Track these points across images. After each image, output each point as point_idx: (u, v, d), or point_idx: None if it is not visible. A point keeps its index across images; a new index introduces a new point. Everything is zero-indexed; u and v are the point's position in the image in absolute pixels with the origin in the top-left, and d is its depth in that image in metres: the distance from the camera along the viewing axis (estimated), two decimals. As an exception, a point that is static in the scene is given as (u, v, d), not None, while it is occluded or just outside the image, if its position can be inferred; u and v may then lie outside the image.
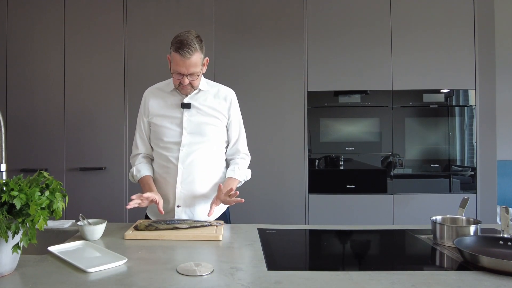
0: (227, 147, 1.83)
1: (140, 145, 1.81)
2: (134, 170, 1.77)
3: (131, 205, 1.54)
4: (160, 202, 1.61)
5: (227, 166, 1.84)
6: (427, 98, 2.83)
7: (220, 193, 1.60)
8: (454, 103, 2.84)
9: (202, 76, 1.74)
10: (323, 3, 2.85)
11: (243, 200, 1.57)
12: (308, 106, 2.85)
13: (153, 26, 2.87)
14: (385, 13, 2.83)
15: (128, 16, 2.87)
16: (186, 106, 1.70)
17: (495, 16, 2.82)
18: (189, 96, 1.71)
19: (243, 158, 1.82)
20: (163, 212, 1.61)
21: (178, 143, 1.69)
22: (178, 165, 1.68)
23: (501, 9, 3.24)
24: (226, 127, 1.79)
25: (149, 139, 1.80)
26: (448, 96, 2.83)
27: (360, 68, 2.83)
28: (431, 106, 2.84)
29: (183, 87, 1.66)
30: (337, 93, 2.85)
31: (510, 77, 3.48)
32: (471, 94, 2.82)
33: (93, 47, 2.87)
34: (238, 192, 1.57)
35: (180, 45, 1.55)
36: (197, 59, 1.59)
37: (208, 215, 1.60)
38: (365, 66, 2.83)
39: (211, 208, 1.61)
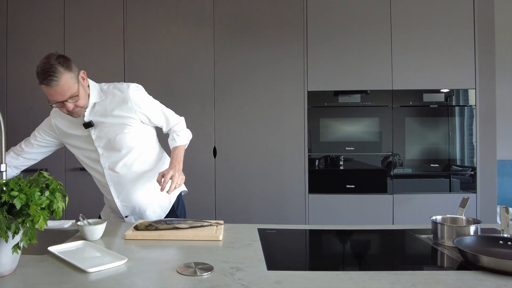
0: (151, 132, 1.73)
1: (29, 140, 1.76)
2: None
3: None
4: None
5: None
6: (427, 98, 2.83)
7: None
8: (454, 103, 2.84)
9: (95, 84, 1.62)
10: (323, 4, 2.85)
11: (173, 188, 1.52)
12: (308, 106, 2.84)
13: (153, 26, 2.87)
14: (385, 13, 2.83)
15: (128, 16, 2.87)
16: (89, 125, 1.59)
17: (495, 16, 2.82)
18: (86, 113, 1.58)
19: (177, 123, 1.74)
20: None
21: (98, 161, 1.64)
22: (108, 183, 1.66)
23: (501, 9, 3.24)
24: (144, 122, 1.67)
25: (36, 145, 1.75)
26: (448, 96, 2.83)
27: (360, 68, 2.83)
28: (431, 106, 2.84)
29: (72, 112, 1.53)
30: (337, 93, 2.85)
31: (510, 77, 3.48)
32: (471, 94, 2.82)
33: (93, 47, 2.87)
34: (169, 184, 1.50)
35: (42, 76, 1.44)
36: (67, 81, 1.46)
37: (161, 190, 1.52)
38: (365, 66, 2.83)
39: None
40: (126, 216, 1.72)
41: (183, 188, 1.84)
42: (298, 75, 2.85)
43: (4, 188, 1.01)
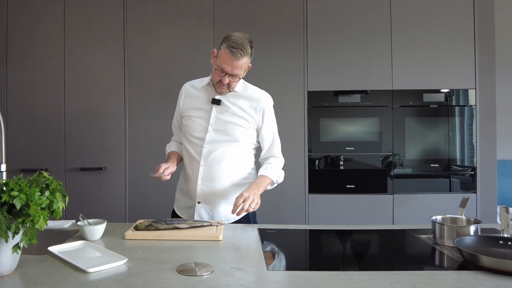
0: (255, 149, 1.81)
1: (175, 134, 1.92)
2: (167, 146, 1.92)
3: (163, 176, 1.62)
4: (165, 167, 1.62)
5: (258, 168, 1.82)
6: (427, 98, 2.83)
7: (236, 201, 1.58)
8: (454, 103, 2.84)
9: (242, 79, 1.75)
10: (323, 3, 2.85)
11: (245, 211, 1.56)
12: (308, 106, 2.84)
13: (153, 26, 2.87)
14: (385, 13, 2.83)
15: (128, 16, 2.87)
16: (217, 102, 1.70)
17: (495, 16, 2.82)
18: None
19: (277, 157, 1.80)
20: (162, 173, 1.61)
21: (203, 139, 1.71)
22: (200, 161, 1.71)
23: (501, 9, 3.24)
24: (257, 131, 1.76)
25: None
26: (448, 96, 2.83)
27: (360, 68, 2.83)
28: (431, 106, 2.84)
29: (220, 85, 1.65)
30: (337, 93, 2.85)
31: (510, 77, 3.48)
32: (471, 94, 2.82)
33: (93, 47, 2.87)
34: (243, 208, 1.55)
35: (234, 44, 1.56)
36: (244, 63, 1.61)
37: (232, 213, 1.57)
38: (365, 66, 2.83)
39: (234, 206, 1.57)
40: (199, 202, 1.72)
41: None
42: (298, 75, 2.85)
43: (4, 188, 1.01)
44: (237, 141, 1.71)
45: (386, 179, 2.84)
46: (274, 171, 1.74)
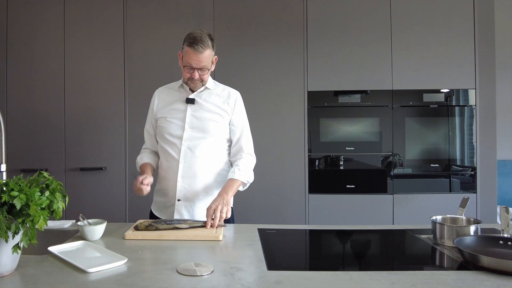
0: (230, 146, 1.84)
1: (147, 141, 1.91)
2: (138, 158, 1.90)
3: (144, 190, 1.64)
4: (141, 178, 1.63)
5: (231, 166, 1.84)
6: (427, 98, 2.83)
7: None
8: (454, 103, 2.84)
9: (210, 77, 1.82)
10: (323, 3, 2.85)
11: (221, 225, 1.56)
12: (308, 106, 2.85)
13: (153, 26, 2.87)
14: (385, 13, 2.83)
15: (128, 16, 2.87)
16: (191, 101, 1.76)
17: (495, 15, 2.82)
18: (194, 93, 1.78)
19: (245, 157, 1.80)
20: (141, 183, 1.61)
21: (180, 138, 1.74)
22: (179, 159, 1.73)
23: (501, 9, 3.24)
24: (229, 124, 1.80)
25: (155, 135, 1.87)
26: (448, 96, 2.83)
27: (360, 68, 2.83)
28: (431, 106, 2.84)
29: (192, 81, 1.72)
30: (337, 93, 2.85)
31: (510, 77, 3.48)
32: (471, 94, 2.82)
33: (93, 47, 2.87)
34: (218, 219, 1.55)
35: (194, 40, 1.65)
36: (208, 55, 1.68)
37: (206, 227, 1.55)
38: (365, 66, 2.83)
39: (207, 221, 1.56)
40: (179, 200, 1.74)
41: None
42: (298, 75, 2.85)
43: (4, 188, 1.01)
44: (213, 136, 1.76)
45: (386, 179, 2.84)
46: (242, 173, 1.74)
